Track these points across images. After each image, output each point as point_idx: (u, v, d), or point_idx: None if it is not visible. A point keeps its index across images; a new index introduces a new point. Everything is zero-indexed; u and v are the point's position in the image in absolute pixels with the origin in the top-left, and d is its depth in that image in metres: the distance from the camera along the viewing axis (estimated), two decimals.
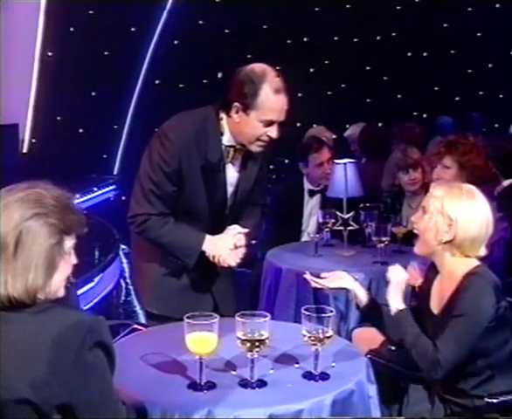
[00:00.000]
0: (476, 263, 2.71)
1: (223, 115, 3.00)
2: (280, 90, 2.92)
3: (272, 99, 2.89)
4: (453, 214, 2.67)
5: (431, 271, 2.90)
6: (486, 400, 2.57)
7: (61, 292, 2.00)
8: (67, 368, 1.82)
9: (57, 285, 1.96)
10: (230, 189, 3.09)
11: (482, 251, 2.73)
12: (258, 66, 2.95)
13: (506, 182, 4.90)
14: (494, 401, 2.56)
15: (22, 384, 1.80)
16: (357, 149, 6.58)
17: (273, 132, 2.94)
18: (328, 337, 2.40)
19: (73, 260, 2.02)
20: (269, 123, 2.92)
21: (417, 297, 3.01)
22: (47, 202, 1.92)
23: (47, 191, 1.95)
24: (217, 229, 3.06)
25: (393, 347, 3.03)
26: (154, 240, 3.02)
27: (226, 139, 3.01)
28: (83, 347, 1.84)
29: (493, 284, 2.64)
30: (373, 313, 2.90)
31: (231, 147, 3.03)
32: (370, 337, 3.07)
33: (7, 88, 8.92)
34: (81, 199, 8.61)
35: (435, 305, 2.80)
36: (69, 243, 1.97)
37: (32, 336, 1.85)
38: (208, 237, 3.01)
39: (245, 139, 2.98)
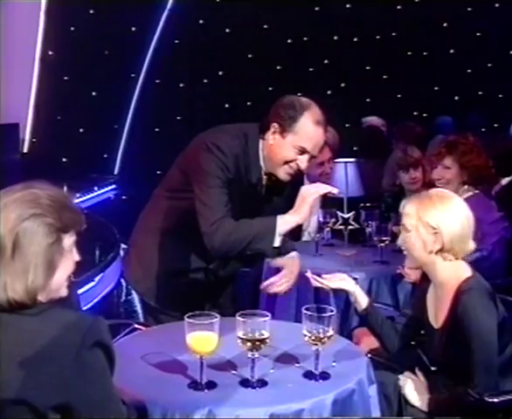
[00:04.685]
0: (467, 271, 2.72)
1: (260, 139, 2.99)
2: (321, 123, 2.91)
3: (310, 127, 2.89)
4: (434, 222, 2.68)
5: (423, 280, 2.91)
6: (487, 399, 2.57)
7: (64, 292, 2.00)
8: (66, 369, 1.82)
9: (59, 284, 1.96)
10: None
11: (472, 246, 2.74)
12: (303, 98, 2.96)
13: (504, 181, 4.91)
14: (496, 400, 2.56)
15: (20, 385, 1.80)
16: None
17: (302, 162, 2.91)
18: (329, 336, 2.40)
19: (76, 257, 2.01)
20: (302, 151, 2.90)
21: (412, 306, 3.01)
22: (43, 202, 1.91)
23: (43, 191, 1.95)
24: None
25: None
26: (231, 235, 2.85)
27: (262, 163, 3.01)
28: (82, 347, 1.83)
29: (488, 295, 2.65)
30: (371, 319, 2.91)
31: (265, 174, 3.02)
32: (370, 336, 3.06)
33: (7, 88, 8.92)
34: (82, 198, 8.60)
35: (434, 318, 2.80)
36: (68, 240, 1.96)
37: (31, 337, 1.85)
38: (279, 217, 2.87)
39: (275, 162, 2.95)
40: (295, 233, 4.97)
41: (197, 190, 2.92)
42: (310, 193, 2.80)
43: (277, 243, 2.81)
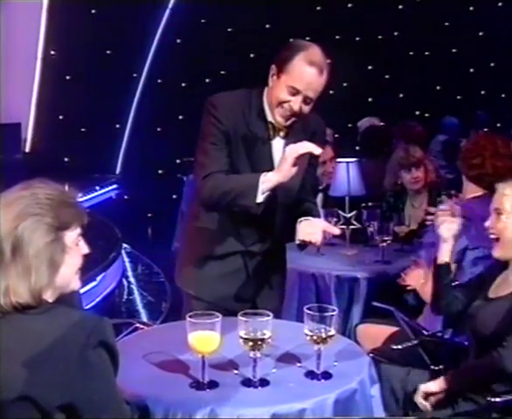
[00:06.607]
0: None
1: (265, 88, 2.96)
2: (315, 64, 2.85)
3: (303, 67, 2.83)
4: None
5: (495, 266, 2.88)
6: (488, 399, 2.57)
7: (76, 285, 2.00)
8: (71, 368, 1.82)
9: (67, 279, 1.96)
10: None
11: None
12: (305, 41, 2.94)
13: None
14: (498, 399, 2.55)
15: (25, 382, 1.80)
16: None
17: (295, 103, 2.85)
18: (331, 336, 2.40)
19: (84, 250, 2.01)
20: (294, 92, 2.84)
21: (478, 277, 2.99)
22: (41, 202, 1.91)
23: (41, 189, 1.94)
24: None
25: (395, 347, 3.03)
26: (219, 189, 2.85)
27: (268, 112, 2.96)
28: (86, 347, 1.83)
29: None
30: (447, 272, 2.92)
31: (271, 124, 2.96)
32: (374, 334, 3.07)
33: (9, 87, 8.93)
34: (83, 198, 8.60)
35: (493, 290, 2.80)
36: (71, 236, 1.95)
37: (36, 336, 1.84)
38: (262, 174, 2.81)
39: (271, 105, 2.92)
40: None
41: (196, 153, 2.93)
42: (292, 152, 2.73)
43: (260, 199, 2.76)
